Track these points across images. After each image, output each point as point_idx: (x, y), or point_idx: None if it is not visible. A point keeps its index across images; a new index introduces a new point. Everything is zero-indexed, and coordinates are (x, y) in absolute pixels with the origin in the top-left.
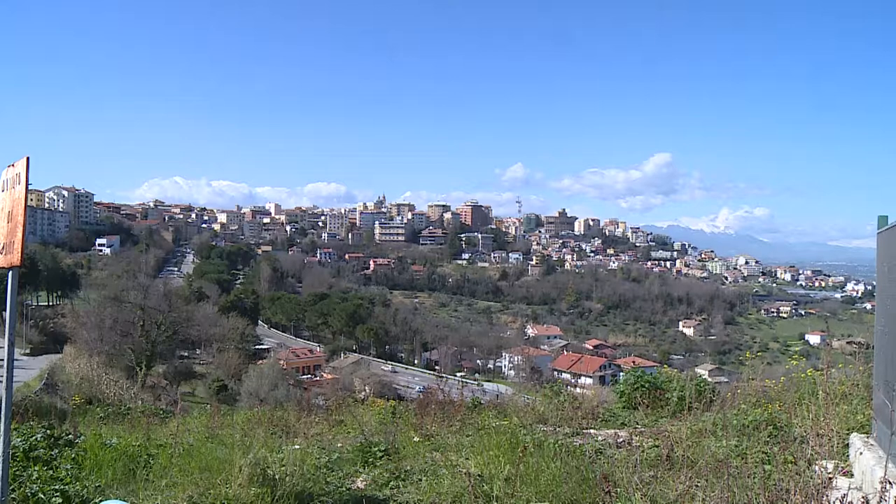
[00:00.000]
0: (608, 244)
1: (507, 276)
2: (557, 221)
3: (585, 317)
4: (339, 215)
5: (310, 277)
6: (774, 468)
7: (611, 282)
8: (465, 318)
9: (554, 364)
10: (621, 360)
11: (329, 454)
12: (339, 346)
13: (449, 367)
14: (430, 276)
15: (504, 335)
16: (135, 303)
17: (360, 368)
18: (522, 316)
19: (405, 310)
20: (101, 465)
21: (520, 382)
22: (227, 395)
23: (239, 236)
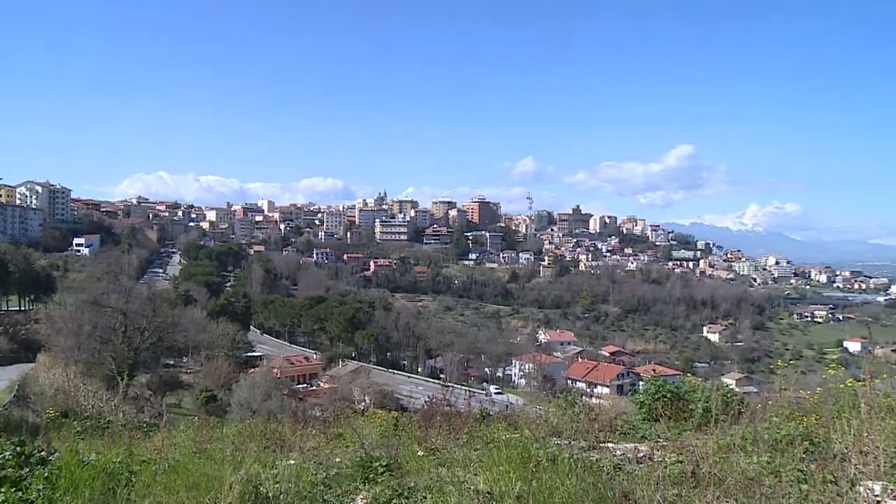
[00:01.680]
0: (626, 243)
1: (517, 277)
2: (571, 219)
3: (602, 321)
4: (337, 213)
5: (305, 279)
6: (812, 488)
7: (629, 283)
8: (473, 323)
9: (568, 372)
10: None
11: (327, 470)
12: (336, 353)
13: (455, 375)
14: (435, 278)
15: (514, 341)
16: (116, 307)
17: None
18: (534, 320)
19: (408, 314)
20: (77, 484)
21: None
22: (217, 406)
23: (229, 235)
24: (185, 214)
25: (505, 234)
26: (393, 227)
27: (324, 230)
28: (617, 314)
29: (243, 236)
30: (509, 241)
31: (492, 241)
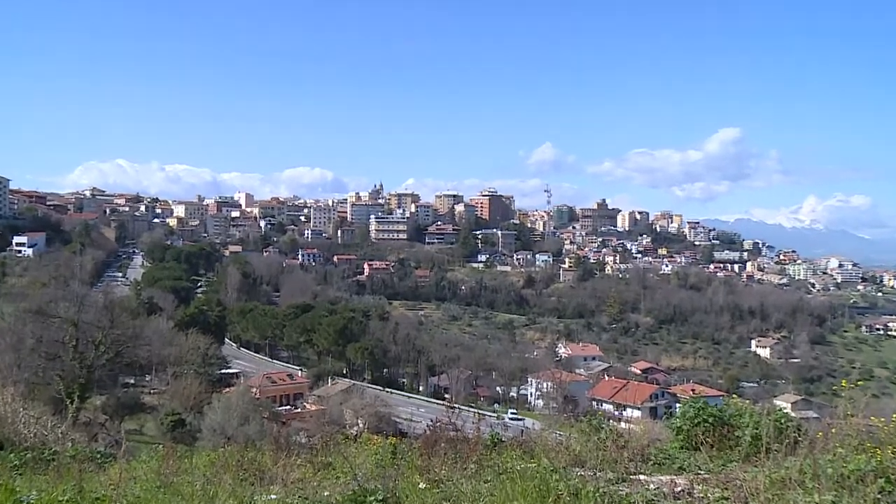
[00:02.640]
0: (659, 243)
1: (533, 282)
2: (596, 214)
3: (631, 333)
4: (326, 208)
5: (289, 284)
6: None
7: (663, 289)
8: (482, 335)
9: (593, 392)
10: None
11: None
12: (325, 369)
13: (462, 395)
14: (439, 283)
15: (530, 356)
16: (65, 317)
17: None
18: (553, 332)
19: (408, 325)
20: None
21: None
22: (185, 432)
23: (200, 234)
24: (149, 209)
25: (519, 232)
26: (390, 224)
27: (310, 228)
28: (649, 325)
29: (217, 235)
30: (524, 240)
31: (504, 241)
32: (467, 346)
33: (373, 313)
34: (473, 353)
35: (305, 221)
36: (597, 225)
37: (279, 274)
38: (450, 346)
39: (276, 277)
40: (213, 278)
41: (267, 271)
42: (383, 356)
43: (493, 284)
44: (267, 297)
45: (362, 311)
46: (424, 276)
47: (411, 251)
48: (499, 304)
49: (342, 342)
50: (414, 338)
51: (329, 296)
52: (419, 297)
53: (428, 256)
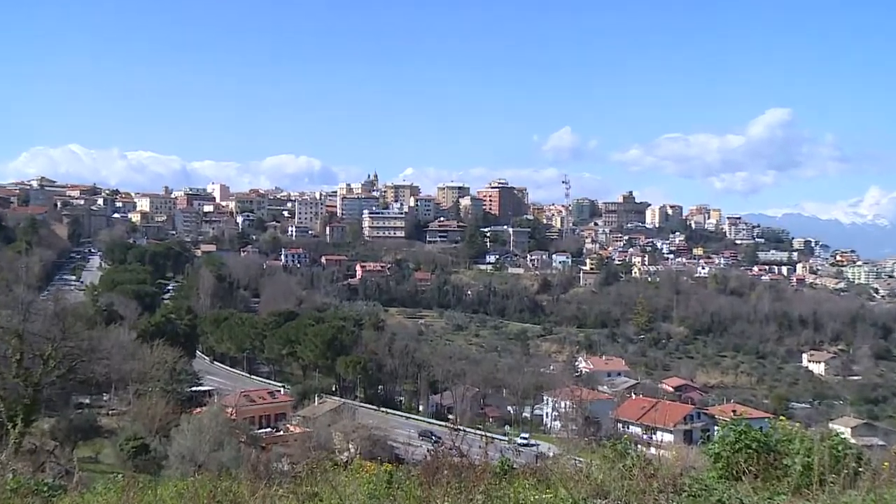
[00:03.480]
0: (695, 241)
1: (549, 286)
2: (621, 209)
3: (662, 345)
4: (313, 202)
5: (271, 289)
6: None
7: (699, 295)
8: (491, 347)
9: (618, 413)
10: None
11: None
12: (311, 386)
13: (468, 416)
14: (441, 288)
15: (546, 371)
16: (8, 328)
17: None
18: (572, 343)
19: (406, 335)
20: None
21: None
22: (149, 459)
23: (168, 231)
24: (108, 202)
25: (533, 229)
26: (386, 220)
27: (295, 224)
28: (683, 336)
29: (187, 232)
30: (539, 238)
31: (516, 239)
32: (474, 360)
33: (366, 322)
34: (481, 367)
35: (289, 217)
36: (622, 221)
37: (259, 277)
38: (454, 359)
39: (255, 281)
40: (182, 282)
41: (245, 274)
42: (378, 371)
43: (503, 289)
44: (245, 303)
45: (354, 319)
46: (425, 279)
47: (410, 251)
48: (510, 311)
49: (331, 355)
50: (413, 350)
51: (316, 302)
52: (419, 303)
53: (429, 257)
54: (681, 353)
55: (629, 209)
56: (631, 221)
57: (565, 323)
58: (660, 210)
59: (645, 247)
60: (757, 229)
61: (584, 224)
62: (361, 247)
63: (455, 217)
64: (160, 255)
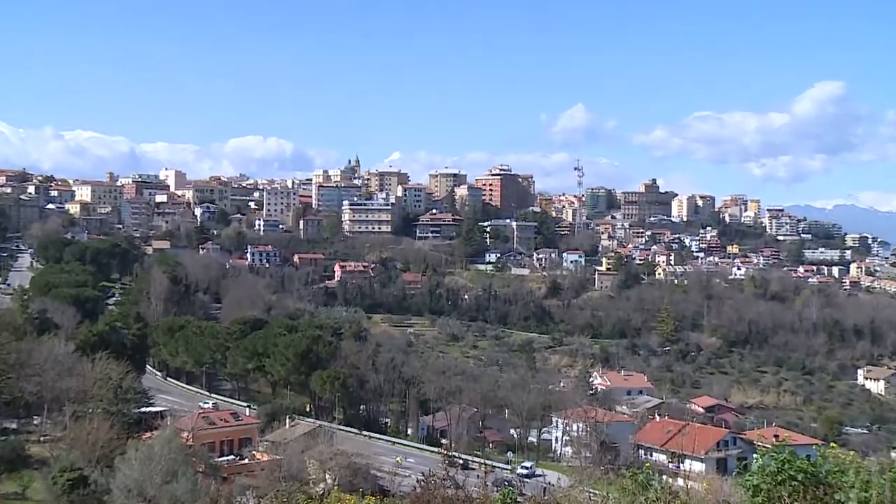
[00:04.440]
0: (729, 237)
1: (559, 290)
2: (643, 200)
3: (691, 359)
4: (284, 191)
5: (235, 293)
6: None
7: (734, 300)
8: (491, 360)
9: (639, 437)
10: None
11: None
12: (282, 406)
13: (464, 440)
14: (434, 291)
15: (555, 388)
16: None
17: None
18: (585, 356)
19: (392, 346)
20: None
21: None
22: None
23: (114, 224)
24: (41, 191)
25: (541, 223)
26: (370, 212)
27: (263, 217)
28: (715, 348)
29: (136, 226)
30: (547, 234)
31: (521, 235)
32: (471, 376)
33: (346, 331)
34: (479, 384)
35: (256, 208)
36: (644, 214)
37: (221, 279)
38: (448, 374)
39: (216, 283)
40: (130, 285)
41: (204, 275)
42: (360, 388)
43: (505, 293)
44: (204, 309)
45: (332, 328)
46: (415, 281)
47: (397, 249)
48: (513, 318)
49: (305, 370)
50: (401, 364)
51: (288, 308)
52: (408, 309)
53: (419, 256)
54: (713, 368)
55: (652, 200)
56: (654, 214)
57: (577, 332)
58: (688, 201)
59: (671, 244)
60: (803, 223)
61: (600, 217)
62: (341, 243)
63: (450, 209)
64: (104, 253)
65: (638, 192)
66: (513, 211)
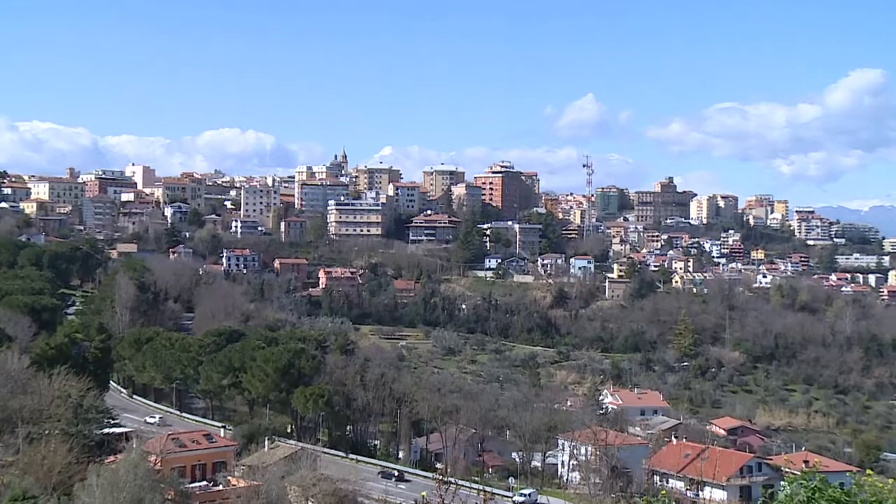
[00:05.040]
0: (754, 241)
1: (566, 299)
2: (658, 200)
3: (712, 375)
4: (264, 189)
5: (209, 302)
6: None
7: (759, 311)
8: (491, 376)
9: (654, 462)
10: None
11: None
12: (260, 426)
13: (462, 464)
14: (428, 300)
15: (562, 407)
16: None
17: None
18: (594, 372)
19: (383, 360)
20: None
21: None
22: None
23: (74, 226)
24: None
25: (546, 225)
26: (358, 213)
27: (240, 218)
28: (738, 363)
29: (100, 227)
30: (553, 237)
31: (524, 239)
32: (469, 393)
33: (332, 344)
34: (478, 402)
35: (233, 209)
36: (660, 215)
37: (193, 286)
38: (444, 392)
39: (188, 291)
40: (93, 292)
41: (175, 282)
42: (346, 407)
43: (507, 302)
44: (175, 319)
45: (316, 340)
46: (407, 289)
47: (388, 253)
48: (516, 330)
49: (285, 387)
50: (391, 380)
51: (267, 318)
52: (399, 320)
53: (412, 261)
54: (735, 386)
55: (669, 200)
56: (671, 216)
57: (586, 346)
58: (708, 202)
59: (689, 248)
60: (836, 227)
61: (611, 219)
62: (326, 247)
63: (446, 210)
64: (63, 258)
65: (653, 191)
66: (515, 212)
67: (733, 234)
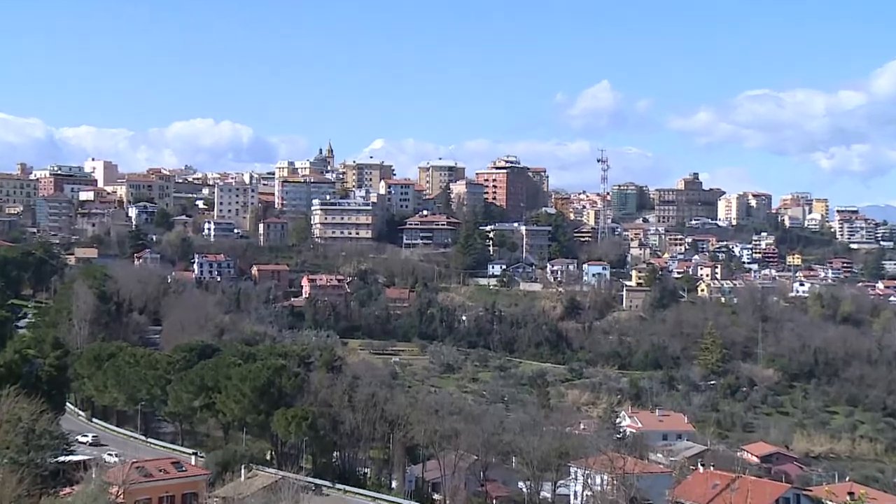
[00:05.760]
0: (790, 244)
1: (578, 309)
2: (682, 199)
3: (742, 395)
4: (240, 187)
5: (179, 313)
6: None
7: (796, 323)
8: (495, 396)
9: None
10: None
11: None
12: (236, 453)
13: (462, 495)
14: (424, 311)
15: (574, 430)
16: None
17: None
18: (610, 391)
19: (373, 378)
20: None
21: None
22: None
23: (26, 228)
24: None
25: (556, 227)
26: (346, 213)
27: (214, 219)
28: (773, 382)
29: (55, 230)
30: (564, 240)
31: (531, 242)
32: (471, 415)
33: (316, 360)
34: (481, 425)
35: (206, 209)
36: (684, 216)
37: (161, 295)
38: (442, 414)
39: (155, 301)
40: (47, 302)
41: (141, 291)
42: (332, 431)
43: (512, 313)
44: (140, 333)
45: (299, 356)
46: (401, 298)
47: (379, 258)
48: (522, 345)
49: (265, 408)
50: (383, 401)
51: (244, 331)
52: (392, 333)
53: (407, 267)
54: (769, 408)
55: (694, 199)
56: (696, 216)
57: (601, 362)
58: (738, 200)
59: (716, 253)
60: (883, 228)
61: (629, 220)
62: (310, 252)
63: (444, 210)
64: (14, 264)
65: (676, 189)
66: (521, 212)
67: (766, 237)
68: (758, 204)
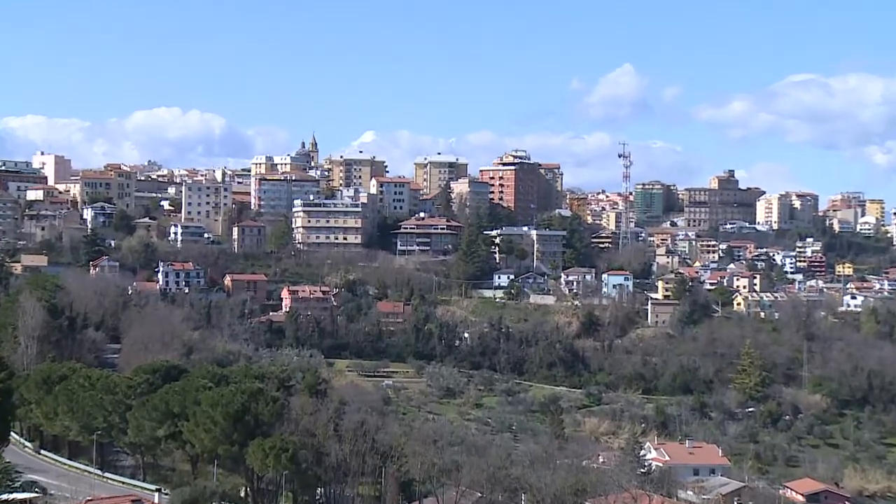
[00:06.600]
0: (840, 252)
1: (597, 325)
2: (715, 201)
3: (785, 425)
4: (212, 185)
5: (141, 329)
6: None
7: (847, 342)
8: (502, 425)
9: None
10: None
11: None
12: (206, 489)
13: None
14: (421, 327)
15: (592, 463)
16: None
17: None
18: (634, 419)
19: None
20: None
21: None
22: None
23: None
24: None
25: (571, 232)
26: (332, 216)
27: (181, 222)
28: (821, 409)
29: None
30: (581, 247)
31: (543, 249)
32: (474, 446)
33: (298, 383)
34: (485, 458)
35: (172, 210)
36: (718, 219)
37: (120, 309)
38: (441, 444)
39: (113, 316)
40: None
41: (97, 304)
42: (316, 464)
43: (521, 330)
44: (96, 352)
45: (278, 378)
46: (395, 312)
47: (370, 268)
48: (533, 366)
49: (239, 438)
50: (374, 429)
51: (215, 350)
52: (384, 352)
53: (401, 277)
54: (816, 439)
55: (729, 200)
56: (732, 220)
57: (623, 386)
58: (780, 201)
59: (755, 261)
60: None
61: (655, 224)
62: (291, 260)
63: (444, 212)
64: None
65: (709, 188)
66: (532, 215)
67: (812, 243)
68: (802, 205)
